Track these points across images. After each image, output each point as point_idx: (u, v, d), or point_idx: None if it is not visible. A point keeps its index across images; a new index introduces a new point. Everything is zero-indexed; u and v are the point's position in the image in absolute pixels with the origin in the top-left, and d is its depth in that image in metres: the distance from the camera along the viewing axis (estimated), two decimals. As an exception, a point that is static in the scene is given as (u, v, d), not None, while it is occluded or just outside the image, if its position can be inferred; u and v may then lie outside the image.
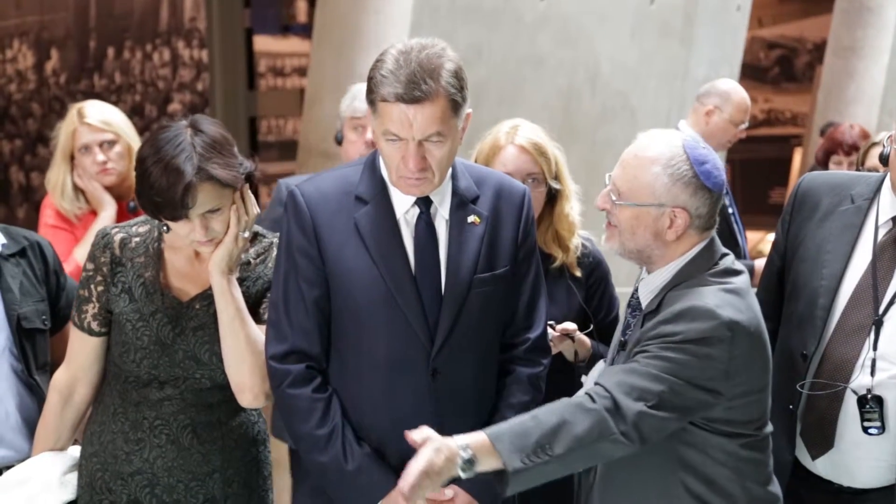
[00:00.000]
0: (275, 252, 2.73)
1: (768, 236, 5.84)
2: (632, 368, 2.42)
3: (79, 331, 2.79)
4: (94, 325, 2.78)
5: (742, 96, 5.07)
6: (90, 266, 2.78)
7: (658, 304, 2.51)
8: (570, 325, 3.02)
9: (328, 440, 2.59)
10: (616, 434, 2.36)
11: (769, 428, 2.55)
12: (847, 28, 9.82)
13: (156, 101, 9.49)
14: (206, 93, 9.16)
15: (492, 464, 2.34)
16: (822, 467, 2.85)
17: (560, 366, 2.98)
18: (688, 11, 6.33)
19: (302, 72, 9.13)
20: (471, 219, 2.63)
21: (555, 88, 5.81)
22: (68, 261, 3.68)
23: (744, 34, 6.86)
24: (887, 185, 2.86)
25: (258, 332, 2.69)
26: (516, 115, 3.30)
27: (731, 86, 5.14)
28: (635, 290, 2.61)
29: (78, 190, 3.92)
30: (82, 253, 3.54)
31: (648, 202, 2.49)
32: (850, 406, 2.77)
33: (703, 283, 2.49)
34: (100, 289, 2.76)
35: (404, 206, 2.61)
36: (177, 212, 2.60)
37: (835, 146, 5.56)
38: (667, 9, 6.22)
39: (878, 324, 2.77)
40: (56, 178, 3.93)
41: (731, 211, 4.96)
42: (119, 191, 3.90)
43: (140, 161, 2.64)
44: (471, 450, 2.32)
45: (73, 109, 3.94)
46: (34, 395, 2.95)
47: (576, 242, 3.16)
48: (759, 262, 4.53)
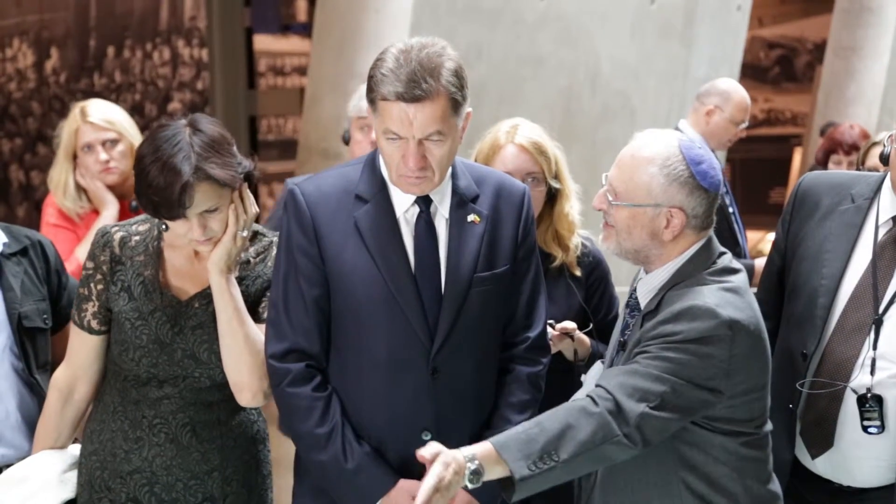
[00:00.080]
0: (274, 251, 2.73)
1: (768, 236, 5.84)
2: (633, 370, 2.42)
3: (79, 329, 2.79)
4: (94, 324, 2.78)
5: (742, 96, 5.07)
6: (90, 265, 2.78)
7: (657, 304, 2.51)
8: (569, 325, 3.02)
9: (328, 439, 2.58)
10: (619, 436, 2.36)
11: (769, 426, 2.55)
12: (847, 28, 9.82)
13: (156, 100, 9.49)
14: (206, 92, 9.16)
15: (498, 472, 2.33)
16: (822, 466, 2.85)
17: (560, 365, 2.97)
18: (688, 11, 6.33)
19: (302, 71, 9.13)
20: (470, 218, 2.63)
21: (555, 88, 5.81)
22: (70, 260, 3.68)
23: (744, 34, 6.86)
24: (887, 184, 2.86)
25: (257, 331, 2.68)
26: (516, 115, 3.30)
27: (732, 85, 5.14)
28: (633, 290, 2.61)
29: (80, 189, 3.91)
30: (84, 252, 3.53)
31: (645, 202, 2.49)
32: (849, 405, 2.77)
33: (701, 282, 2.49)
34: (99, 287, 2.76)
35: (404, 205, 2.61)
36: (174, 211, 2.60)
37: (835, 146, 5.56)
38: (667, 8, 6.22)
39: (878, 323, 2.77)
40: (58, 176, 3.92)
41: (731, 210, 4.96)
42: (121, 190, 3.88)
43: (139, 159, 2.64)
44: (477, 460, 2.31)
45: (76, 108, 3.92)
46: (35, 394, 2.95)
47: (575, 242, 3.16)
48: (759, 262, 4.53)
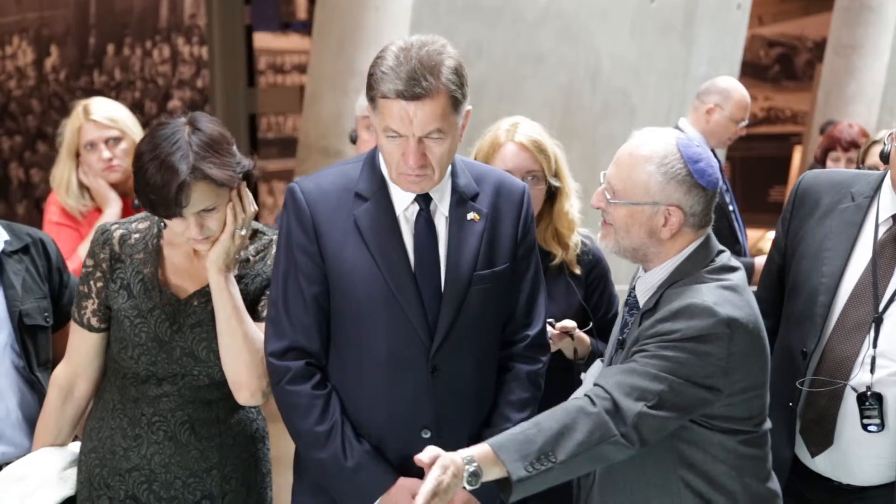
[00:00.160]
0: (274, 249, 2.73)
1: (768, 234, 5.84)
2: (631, 368, 2.42)
3: (78, 326, 2.79)
4: (94, 322, 2.78)
5: (742, 94, 5.07)
6: (90, 262, 2.78)
7: (655, 303, 2.51)
8: (569, 323, 3.02)
9: (328, 437, 2.58)
10: (616, 436, 2.36)
11: (768, 424, 2.55)
12: (847, 26, 9.82)
13: (155, 97, 9.49)
14: (206, 90, 9.16)
15: (496, 473, 2.33)
16: (822, 465, 2.85)
17: (559, 363, 2.97)
18: (688, 9, 6.33)
19: (302, 69, 9.13)
20: (470, 216, 2.63)
21: (555, 86, 5.81)
22: (73, 258, 3.68)
23: (744, 32, 6.86)
24: (888, 183, 2.86)
25: (255, 329, 2.68)
26: (516, 113, 3.30)
27: (732, 83, 5.14)
28: (632, 288, 2.61)
29: (83, 187, 3.91)
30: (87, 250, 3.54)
31: (642, 200, 2.49)
32: (849, 403, 2.77)
33: (700, 280, 2.48)
34: (99, 285, 2.76)
35: (404, 203, 2.60)
36: (170, 210, 2.59)
37: (833, 143, 5.55)
38: (667, 7, 6.22)
39: (878, 321, 2.77)
40: (61, 174, 3.91)
41: (731, 208, 4.95)
42: (124, 188, 3.87)
43: (137, 157, 2.64)
44: (476, 462, 2.31)
45: (79, 106, 3.92)
46: (35, 392, 2.95)
47: (575, 240, 3.15)
48: (759, 260, 4.53)
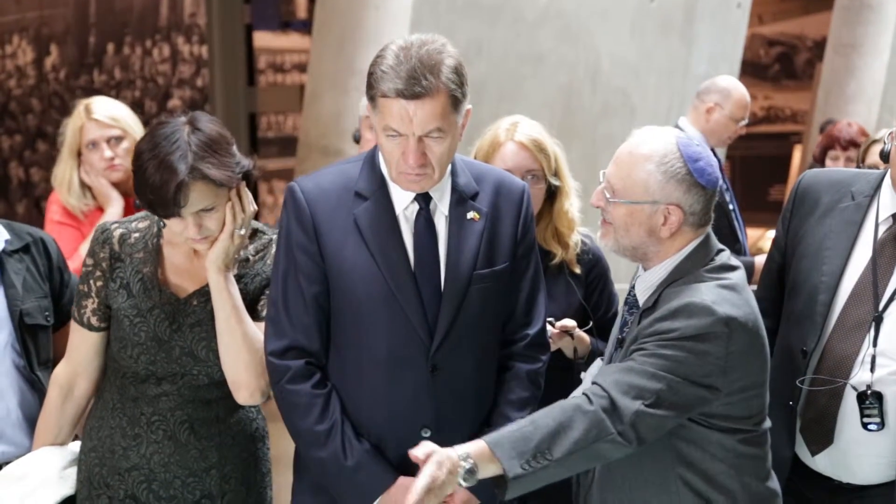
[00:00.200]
0: (274, 249, 2.73)
1: (768, 233, 5.85)
2: (629, 367, 2.42)
3: (79, 326, 2.79)
4: (94, 321, 2.78)
5: (742, 93, 5.07)
6: (90, 261, 2.78)
7: (655, 301, 2.51)
8: (569, 322, 3.02)
9: (327, 436, 2.58)
10: (613, 434, 2.36)
11: (767, 423, 2.55)
12: (847, 25, 9.82)
13: (155, 97, 9.49)
14: (206, 89, 9.17)
15: (492, 470, 2.33)
16: (822, 464, 2.85)
17: (559, 362, 2.97)
18: (688, 8, 6.33)
19: (302, 68, 9.14)
20: (470, 215, 2.63)
21: (555, 85, 5.81)
22: (74, 257, 3.67)
23: (744, 31, 6.86)
24: (888, 182, 2.86)
25: (255, 329, 2.68)
26: (516, 112, 3.30)
27: (732, 83, 5.14)
28: (632, 287, 2.61)
29: (85, 186, 3.90)
30: (88, 249, 3.54)
31: (642, 199, 2.49)
32: (849, 402, 2.77)
33: (699, 279, 2.48)
34: (99, 284, 2.76)
35: (404, 203, 2.60)
36: (169, 209, 2.59)
37: (832, 142, 5.55)
38: (667, 6, 6.22)
39: (878, 320, 2.77)
40: (63, 174, 3.91)
41: (731, 207, 4.95)
42: (126, 187, 3.86)
43: (137, 155, 2.64)
44: (471, 459, 2.31)
45: (81, 105, 3.91)
46: (36, 392, 2.95)
47: (575, 239, 3.15)
48: (759, 259, 4.53)
